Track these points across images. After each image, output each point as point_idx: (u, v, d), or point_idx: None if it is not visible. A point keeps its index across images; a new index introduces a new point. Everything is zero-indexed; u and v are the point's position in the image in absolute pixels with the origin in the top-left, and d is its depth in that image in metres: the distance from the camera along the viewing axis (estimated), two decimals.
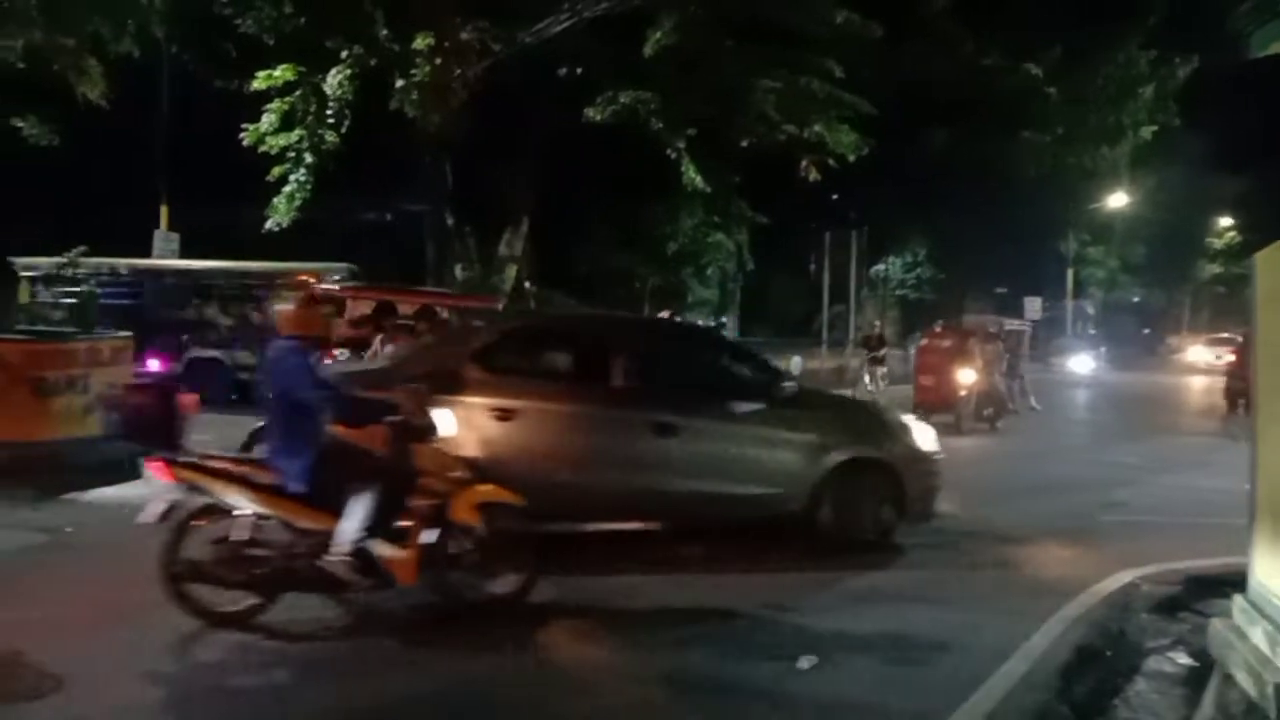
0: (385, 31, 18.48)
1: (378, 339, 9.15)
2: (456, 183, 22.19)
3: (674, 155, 20.61)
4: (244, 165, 19.24)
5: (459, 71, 18.69)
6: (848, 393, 16.15)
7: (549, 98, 21.37)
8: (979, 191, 33.21)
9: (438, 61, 18.10)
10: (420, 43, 17.95)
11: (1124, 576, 7.30)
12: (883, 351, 21.84)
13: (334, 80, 18.52)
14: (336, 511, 5.50)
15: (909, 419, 8.81)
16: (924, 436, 8.30)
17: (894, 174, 29.80)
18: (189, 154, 19.47)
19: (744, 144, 20.99)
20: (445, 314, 9.81)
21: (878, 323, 26.20)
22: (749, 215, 28.71)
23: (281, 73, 18.19)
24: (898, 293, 44.27)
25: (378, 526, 5.52)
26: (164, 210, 20.04)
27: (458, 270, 23.91)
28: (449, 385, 6.71)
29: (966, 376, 17.52)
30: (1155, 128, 33.40)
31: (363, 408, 5.85)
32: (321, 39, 18.43)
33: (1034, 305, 41.35)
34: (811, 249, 37.67)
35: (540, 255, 26.60)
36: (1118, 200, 41.37)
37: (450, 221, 22.64)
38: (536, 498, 6.12)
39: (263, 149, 18.87)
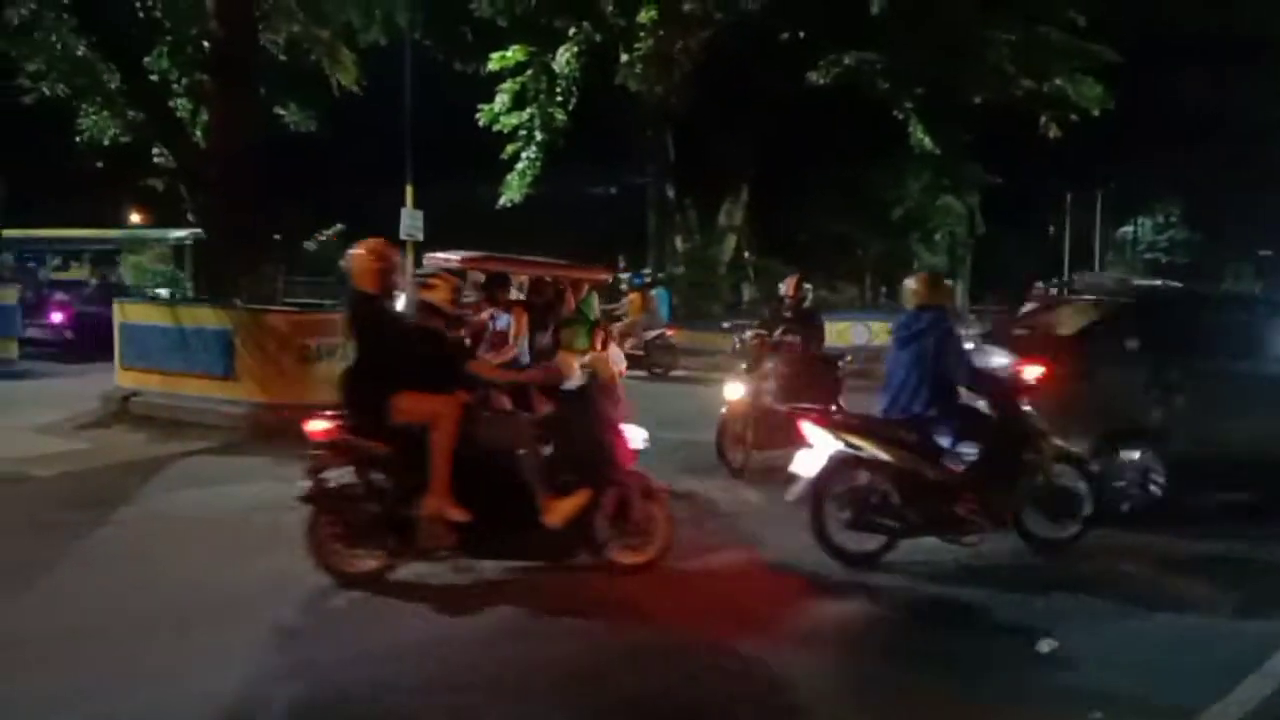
0: (611, 7, 18.87)
1: (487, 312, 8.40)
2: (677, 155, 22.41)
3: (900, 116, 19.98)
4: (481, 145, 20.20)
5: (681, 43, 18.85)
6: None
7: (769, 64, 21.18)
8: (1241, 144, 30.30)
9: (661, 34, 18.33)
10: (644, 16, 18.24)
11: None
12: None
13: (562, 58, 19.13)
14: (969, 466, 6.07)
15: None
16: None
17: (1144, 127, 27.51)
18: (432, 136, 20.59)
19: (976, 101, 20.08)
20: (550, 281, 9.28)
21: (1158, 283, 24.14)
22: (981, 176, 27.47)
23: (513, 53, 18.96)
24: (1146, 256, 41.21)
25: (1000, 479, 6.09)
26: (409, 189, 21.23)
27: (678, 241, 24.19)
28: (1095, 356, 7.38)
29: None
30: None
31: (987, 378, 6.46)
32: (551, 18, 19.04)
33: None
34: (1050, 210, 35.35)
35: (759, 224, 26.46)
36: None
37: (671, 193, 22.93)
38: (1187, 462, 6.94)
39: (496, 128, 19.73)
